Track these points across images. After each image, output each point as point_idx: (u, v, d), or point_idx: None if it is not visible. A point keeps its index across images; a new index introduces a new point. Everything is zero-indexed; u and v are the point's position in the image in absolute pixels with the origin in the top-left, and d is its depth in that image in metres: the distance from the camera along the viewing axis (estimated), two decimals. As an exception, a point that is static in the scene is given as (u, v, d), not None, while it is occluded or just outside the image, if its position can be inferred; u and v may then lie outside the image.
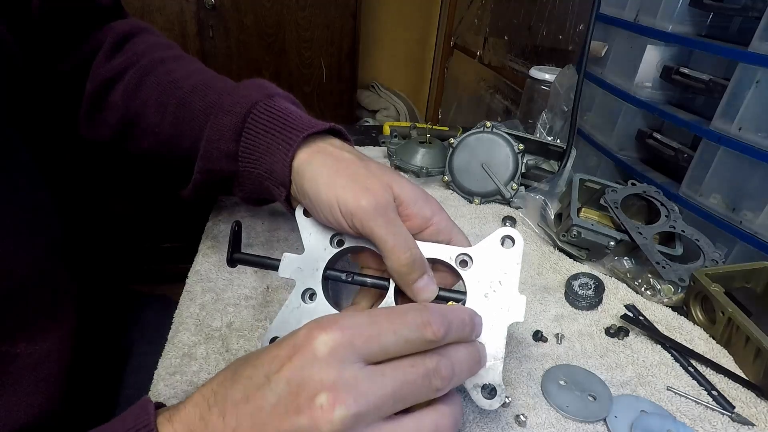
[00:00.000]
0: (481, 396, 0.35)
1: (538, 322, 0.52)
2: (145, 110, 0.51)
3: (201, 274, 0.54)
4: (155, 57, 0.53)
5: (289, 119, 0.44)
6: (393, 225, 0.38)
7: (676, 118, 0.71)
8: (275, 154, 0.44)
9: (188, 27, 1.57)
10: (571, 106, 0.77)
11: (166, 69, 0.52)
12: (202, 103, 0.48)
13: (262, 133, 0.45)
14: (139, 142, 0.53)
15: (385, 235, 0.37)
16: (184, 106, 0.49)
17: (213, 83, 0.50)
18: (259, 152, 0.45)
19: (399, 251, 0.37)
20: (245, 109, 0.45)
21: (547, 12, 1.33)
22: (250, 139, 0.45)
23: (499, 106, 1.63)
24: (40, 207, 0.46)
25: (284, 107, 0.46)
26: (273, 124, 0.44)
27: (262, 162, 0.45)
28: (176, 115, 0.50)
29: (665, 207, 0.64)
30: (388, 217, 0.38)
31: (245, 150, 0.45)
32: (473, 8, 1.84)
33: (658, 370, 0.47)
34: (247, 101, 0.46)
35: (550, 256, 0.63)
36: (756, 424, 0.42)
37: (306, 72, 1.77)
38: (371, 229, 0.37)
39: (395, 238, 0.37)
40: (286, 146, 0.43)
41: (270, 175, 0.45)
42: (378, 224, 0.37)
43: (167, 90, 0.50)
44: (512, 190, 0.72)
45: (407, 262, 0.37)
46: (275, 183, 0.45)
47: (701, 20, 0.71)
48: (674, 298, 0.56)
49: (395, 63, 2.29)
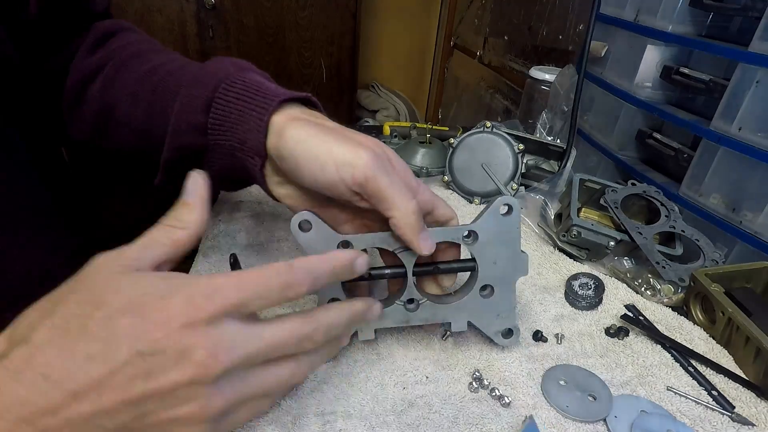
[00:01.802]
0: (501, 338, 0.46)
1: (538, 322, 0.52)
2: (119, 101, 0.49)
3: (201, 274, 0.54)
4: (134, 50, 0.52)
5: (261, 88, 0.42)
6: (394, 176, 0.37)
7: (676, 118, 0.71)
8: (248, 122, 0.41)
9: (188, 27, 1.57)
10: (571, 106, 0.77)
11: (142, 60, 0.50)
12: (174, 84, 0.46)
13: (233, 102, 0.42)
14: (114, 135, 0.51)
15: (390, 186, 0.36)
16: (156, 92, 0.47)
17: (187, 66, 0.48)
18: (230, 122, 0.42)
19: (406, 201, 0.37)
20: (216, 80, 0.43)
21: (547, 12, 1.33)
22: (219, 110, 0.42)
23: (499, 106, 1.63)
24: (40, 206, 0.46)
25: (257, 80, 0.43)
26: (244, 94, 0.42)
27: (233, 132, 0.42)
28: (149, 102, 0.47)
29: (665, 207, 0.64)
30: (388, 169, 0.37)
31: (215, 121, 0.43)
32: (473, 8, 1.84)
33: (658, 370, 0.47)
34: (218, 74, 0.43)
35: (550, 256, 0.63)
36: (756, 424, 0.42)
37: (306, 72, 1.77)
38: (375, 180, 0.36)
39: (400, 189, 0.37)
40: (260, 111, 0.41)
41: (242, 145, 0.42)
42: (381, 175, 0.36)
43: (141, 79, 0.48)
44: (512, 190, 0.73)
45: (414, 210, 0.37)
46: (248, 153, 0.42)
47: (701, 20, 0.71)
48: (674, 298, 0.56)
49: (395, 63, 2.29)
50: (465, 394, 0.43)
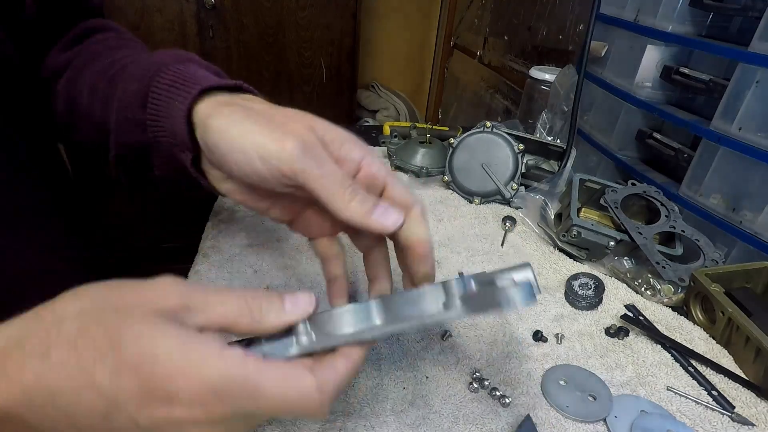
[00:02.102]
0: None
1: (538, 322, 0.52)
2: (81, 94, 0.47)
3: (201, 274, 0.54)
4: (104, 46, 0.50)
5: (190, 77, 0.39)
6: (327, 164, 0.33)
7: (676, 118, 0.71)
8: (175, 114, 0.38)
9: (188, 27, 1.57)
10: (571, 106, 0.77)
11: (108, 54, 0.48)
12: (127, 77, 0.43)
13: (164, 95, 0.39)
14: (79, 129, 0.50)
15: (321, 177, 0.32)
16: (112, 84, 0.44)
17: (143, 57, 0.45)
18: (164, 117, 0.39)
19: (342, 190, 0.33)
20: (150, 72, 0.40)
21: (547, 12, 1.33)
22: (154, 104, 0.40)
23: (499, 106, 1.63)
24: (39, 206, 0.46)
25: (192, 71, 0.40)
26: (173, 84, 0.39)
27: (167, 127, 0.39)
28: (105, 93, 0.45)
29: (665, 207, 0.64)
30: (319, 158, 0.33)
31: (152, 117, 0.40)
32: (473, 8, 1.84)
33: (658, 370, 0.47)
34: (152, 67, 0.41)
35: (550, 256, 0.63)
36: (756, 424, 0.42)
37: (306, 72, 1.77)
38: (303, 172, 0.32)
39: (334, 177, 0.33)
40: (182, 100, 0.37)
41: (174, 138, 0.39)
42: (310, 167, 0.32)
43: (102, 71, 0.46)
44: (512, 190, 0.73)
45: (352, 196, 0.33)
46: (181, 148, 0.39)
47: (701, 20, 0.71)
48: (674, 298, 0.56)
49: (395, 63, 2.29)
50: (465, 394, 0.43)
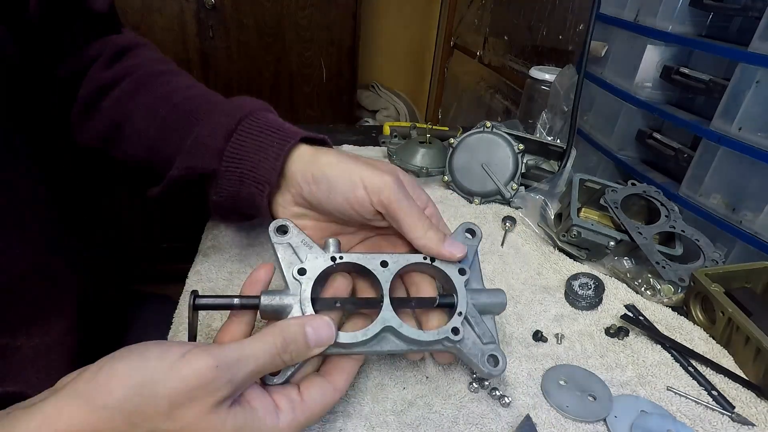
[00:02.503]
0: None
1: (538, 322, 0.52)
2: (133, 116, 0.51)
3: (201, 274, 0.54)
4: (154, 70, 0.54)
5: (283, 128, 0.47)
6: (411, 200, 0.42)
7: (676, 118, 0.71)
8: (265, 151, 0.45)
9: (188, 27, 1.57)
10: (571, 106, 0.77)
11: (162, 81, 0.53)
12: (197, 108, 0.49)
13: (255, 134, 0.46)
14: (124, 146, 0.53)
15: (409, 208, 0.41)
16: (176, 111, 0.50)
17: (208, 95, 0.52)
18: (246, 150, 0.46)
19: (423, 220, 0.41)
20: (242, 113, 0.47)
21: (547, 12, 1.33)
22: (240, 139, 0.46)
23: (499, 106, 1.63)
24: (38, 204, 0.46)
25: (279, 121, 0.48)
26: (266, 129, 0.46)
27: (247, 160, 0.46)
28: (165, 120, 0.50)
29: (665, 207, 0.64)
30: (406, 193, 0.42)
31: (233, 147, 0.46)
32: (473, 8, 1.84)
33: (658, 370, 0.47)
34: (245, 108, 0.48)
35: (550, 256, 0.63)
36: (756, 424, 0.42)
37: (306, 72, 1.77)
38: (396, 202, 0.41)
39: (417, 212, 0.42)
40: (281, 143, 0.45)
41: (254, 171, 0.45)
42: (401, 198, 0.41)
43: (160, 99, 0.51)
44: (512, 190, 0.72)
45: (429, 227, 0.41)
46: (258, 180, 0.45)
47: (701, 20, 0.71)
48: (674, 298, 0.56)
49: (395, 63, 2.29)
50: (465, 394, 0.43)
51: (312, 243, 0.41)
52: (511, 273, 0.59)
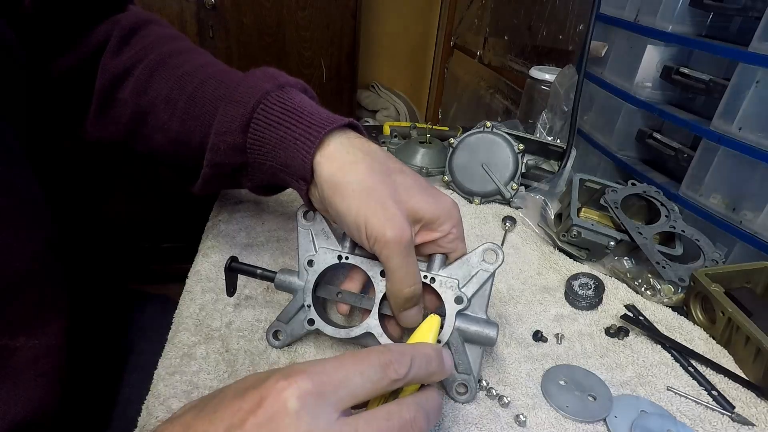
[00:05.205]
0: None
1: (538, 322, 0.52)
2: (154, 107, 0.50)
3: (201, 274, 0.54)
4: (164, 51, 0.52)
5: (304, 113, 0.43)
6: (408, 258, 0.40)
7: (676, 118, 0.71)
8: (290, 149, 0.43)
9: (188, 27, 1.57)
10: (571, 106, 0.77)
11: (175, 63, 0.51)
12: (211, 96, 0.47)
13: (274, 125, 0.43)
14: (149, 140, 0.52)
15: (398, 268, 0.40)
16: (194, 101, 0.48)
17: (223, 76, 0.49)
18: (270, 145, 0.44)
19: (405, 284, 0.40)
20: (254, 99, 0.44)
21: (547, 12, 1.33)
22: (258, 131, 0.44)
23: (499, 106, 1.63)
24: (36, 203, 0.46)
25: (297, 100, 0.45)
26: (285, 117, 0.43)
27: (274, 155, 0.44)
28: (185, 111, 0.48)
29: (665, 207, 0.64)
30: (405, 252, 0.40)
31: (253, 142, 0.44)
32: (473, 8, 1.84)
33: (658, 370, 0.47)
34: (256, 92, 0.44)
35: (550, 256, 0.63)
36: (756, 424, 0.42)
37: (306, 72, 1.77)
38: (389, 258, 0.39)
39: (407, 272, 0.40)
40: (306, 142, 0.42)
41: (286, 168, 0.44)
42: (395, 255, 0.39)
43: (177, 85, 0.49)
44: (512, 190, 0.72)
45: (408, 295, 0.41)
46: (294, 177, 0.44)
47: (701, 20, 0.71)
48: (674, 298, 0.56)
49: (395, 63, 2.29)
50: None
51: (330, 234, 0.45)
52: (511, 273, 0.59)
